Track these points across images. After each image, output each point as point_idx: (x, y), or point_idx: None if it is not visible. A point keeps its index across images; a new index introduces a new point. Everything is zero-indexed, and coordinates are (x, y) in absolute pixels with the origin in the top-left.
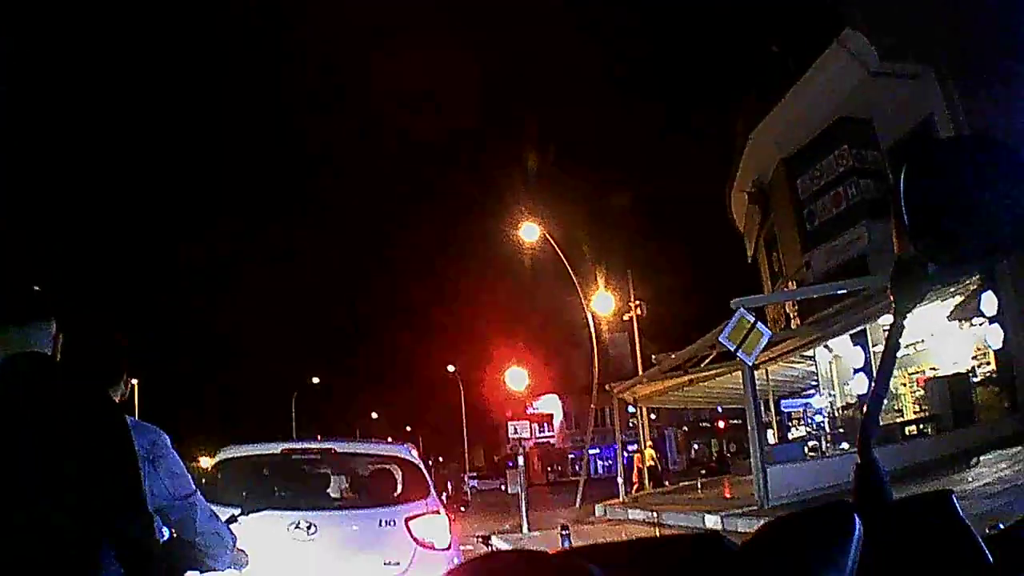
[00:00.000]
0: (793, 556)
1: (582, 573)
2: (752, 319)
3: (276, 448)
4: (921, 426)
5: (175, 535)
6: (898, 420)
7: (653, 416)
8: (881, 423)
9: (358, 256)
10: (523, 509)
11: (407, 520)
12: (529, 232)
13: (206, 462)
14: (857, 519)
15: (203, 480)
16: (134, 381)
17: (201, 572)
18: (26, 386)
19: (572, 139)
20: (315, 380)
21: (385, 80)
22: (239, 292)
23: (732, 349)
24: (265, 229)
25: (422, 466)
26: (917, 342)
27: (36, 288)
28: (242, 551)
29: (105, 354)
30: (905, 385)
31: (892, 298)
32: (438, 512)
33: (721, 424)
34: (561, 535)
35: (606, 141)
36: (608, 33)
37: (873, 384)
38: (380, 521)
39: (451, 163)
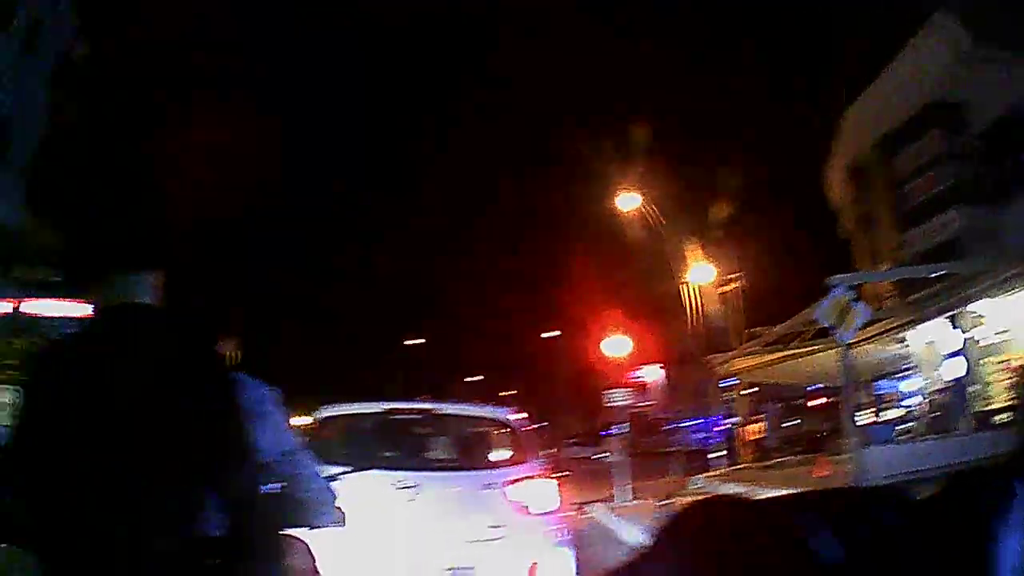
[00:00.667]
0: (971, 510)
1: (779, 516)
2: (848, 297)
3: (379, 407)
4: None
5: (276, 491)
6: (987, 408)
7: (753, 390)
8: (971, 408)
9: (462, 220)
10: (620, 478)
11: (509, 484)
12: (629, 202)
13: (305, 420)
14: (1017, 483)
15: (304, 438)
16: (235, 339)
17: (299, 527)
18: (130, 335)
19: (673, 115)
20: (418, 342)
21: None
22: (341, 253)
23: (828, 327)
24: (369, 189)
25: (525, 430)
26: (1005, 331)
27: (146, 238)
28: (340, 509)
29: (211, 310)
30: (994, 374)
31: None
32: (541, 476)
33: (815, 402)
34: (658, 505)
35: (708, 116)
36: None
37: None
38: (482, 484)
39: (554, 133)
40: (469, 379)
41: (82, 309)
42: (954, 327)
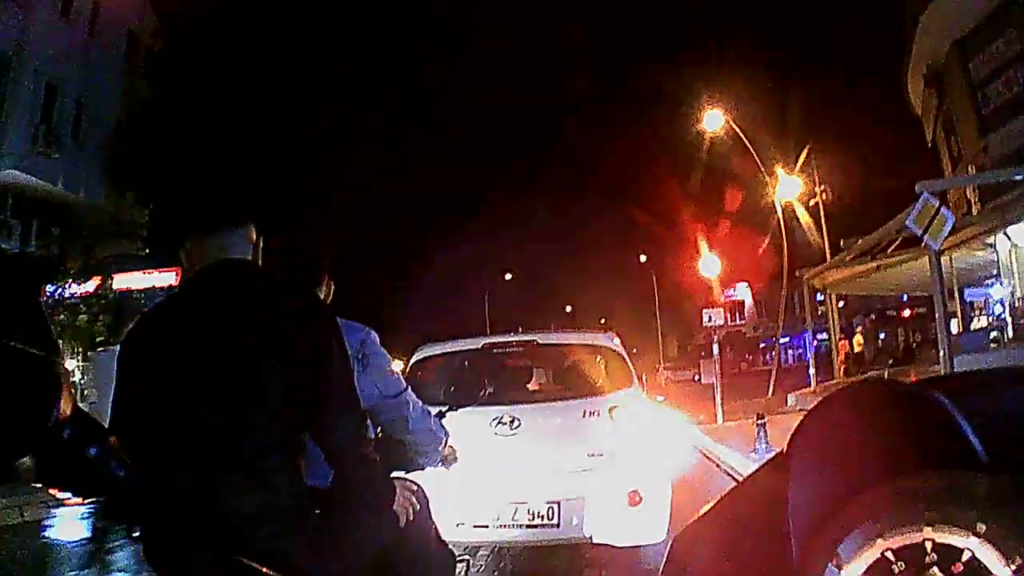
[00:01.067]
0: None
1: (928, 399)
2: (936, 203)
3: (477, 343)
4: None
5: (384, 434)
6: None
7: (841, 304)
8: None
9: (547, 149)
10: (717, 400)
11: (611, 410)
12: (713, 120)
13: (399, 364)
14: None
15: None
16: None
17: (408, 471)
18: (230, 290)
19: (745, 26)
20: (508, 276)
21: None
22: (427, 195)
23: (918, 234)
24: (455, 127)
25: (624, 354)
26: None
27: (228, 193)
28: (452, 448)
29: (307, 257)
30: None
31: None
32: (642, 400)
33: (907, 313)
34: (757, 425)
35: (779, 27)
36: None
37: None
38: (584, 412)
39: (633, 57)
40: (564, 310)
41: (168, 278)
42: None
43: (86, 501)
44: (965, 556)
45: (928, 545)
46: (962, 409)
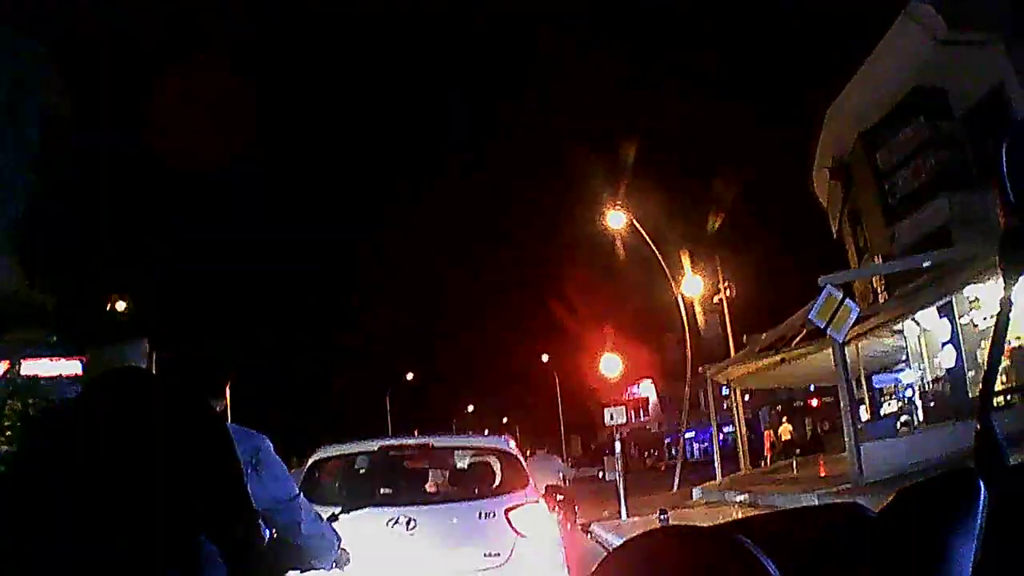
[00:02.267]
0: (926, 521)
1: (729, 543)
2: (840, 295)
3: (373, 445)
4: (1008, 397)
5: (278, 536)
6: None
7: (747, 397)
8: (968, 395)
9: (444, 251)
10: (621, 496)
11: (507, 511)
12: (615, 219)
13: (300, 463)
14: (981, 483)
15: (300, 482)
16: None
17: (303, 572)
18: (122, 397)
19: (652, 127)
20: (409, 376)
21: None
22: (327, 296)
23: (822, 327)
24: (350, 234)
25: (520, 457)
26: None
27: (124, 308)
28: (344, 550)
29: (205, 368)
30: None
31: (1001, 270)
32: (537, 502)
33: (814, 402)
34: (660, 520)
35: (685, 128)
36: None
37: (987, 353)
38: (480, 513)
39: (534, 158)
40: (466, 410)
41: (76, 367)
42: (940, 316)
43: None
44: None
45: None
46: (766, 548)
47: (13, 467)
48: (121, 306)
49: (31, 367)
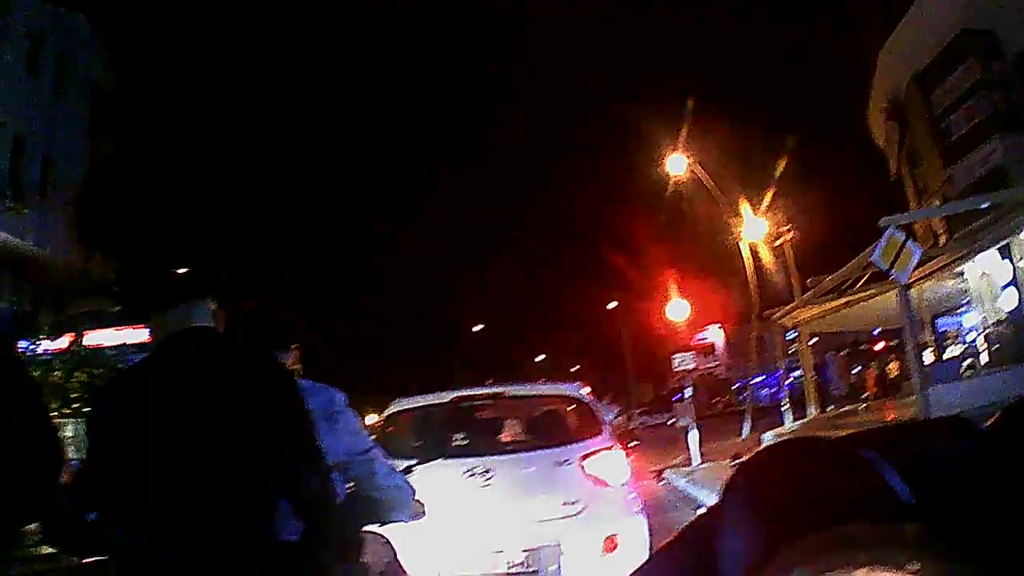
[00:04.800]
0: None
1: (853, 455)
2: (902, 237)
3: (446, 397)
4: None
5: (353, 491)
6: None
7: (813, 341)
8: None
9: (513, 200)
10: (692, 442)
11: (582, 458)
12: (676, 164)
13: (373, 419)
14: None
15: (374, 435)
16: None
17: (380, 525)
18: (188, 359)
19: (709, 73)
20: (478, 328)
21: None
22: (395, 250)
23: (884, 269)
24: (419, 175)
25: (593, 403)
26: None
27: (189, 269)
28: (419, 502)
29: (271, 324)
30: None
31: None
32: (612, 448)
33: (880, 346)
34: (731, 465)
35: (743, 72)
36: None
37: None
38: (555, 461)
39: (599, 107)
40: (535, 359)
41: (140, 335)
42: (1002, 259)
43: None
44: None
45: None
46: (888, 462)
47: (89, 431)
48: (182, 270)
49: (95, 338)
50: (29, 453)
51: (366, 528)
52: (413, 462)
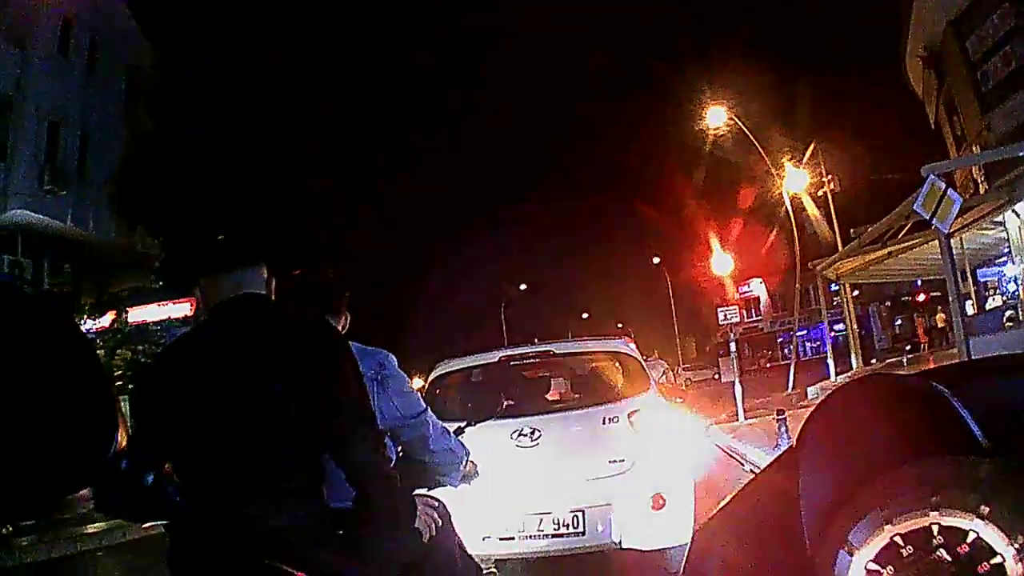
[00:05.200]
0: None
1: (928, 390)
2: (943, 186)
3: (493, 356)
4: None
5: (404, 455)
6: None
7: (856, 293)
8: None
9: (555, 156)
10: (738, 397)
11: (629, 415)
12: (716, 116)
13: (419, 383)
14: None
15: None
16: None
17: (432, 488)
18: (242, 324)
19: (748, 24)
20: (523, 287)
21: None
22: (440, 209)
23: (927, 217)
24: (464, 133)
25: (640, 359)
26: None
27: (241, 235)
28: (474, 464)
29: (324, 287)
30: None
31: None
32: (660, 404)
33: (921, 297)
34: (777, 420)
35: (782, 23)
36: None
37: None
38: (603, 419)
39: (641, 64)
40: (580, 317)
41: (183, 310)
42: None
43: (144, 526)
44: (970, 537)
45: (935, 528)
46: (961, 398)
47: (142, 397)
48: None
49: (139, 314)
50: (81, 412)
51: (419, 491)
52: (462, 424)
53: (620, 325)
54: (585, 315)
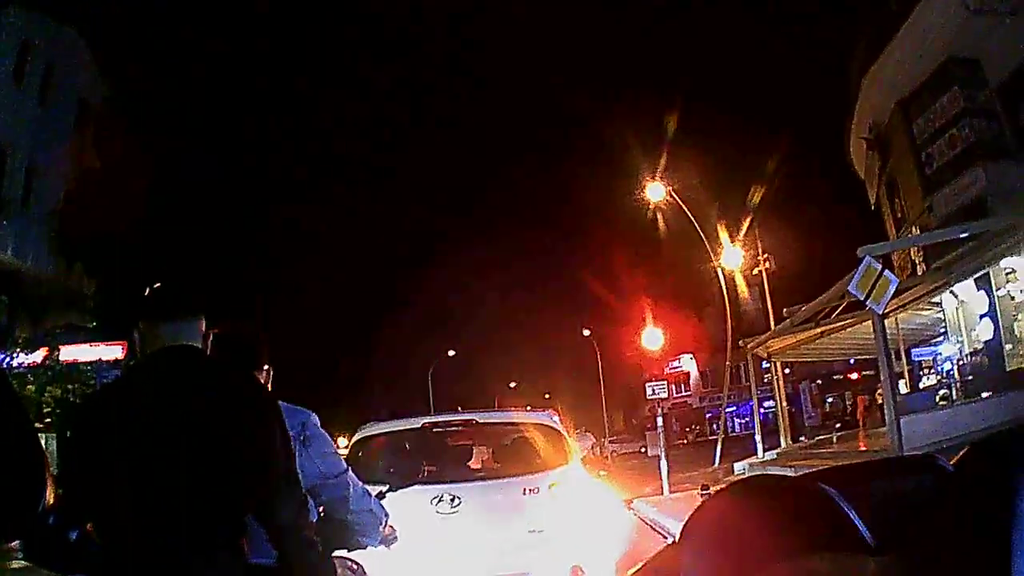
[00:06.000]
0: (1001, 474)
1: (815, 492)
2: (879, 267)
3: (417, 422)
4: None
5: (325, 514)
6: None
7: (787, 371)
8: (1007, 368)
9: (486, 225)
10: (663, 471)
11: (550, 486)
12: (655, 191)
13: (343, 442)
14: None
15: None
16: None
17: (350, 550)
18: (177, 377)
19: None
20: (451, 353)
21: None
22: (370, 271)
23: (861, 298)
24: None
25: (564, 431)
26: None
27: (186, 286)
28: (392, 528)
29: (246, 342)
30: None
31: None
32: (582, 477)
33: (854, 376)
34: (701, 495)
35: (724, 98)
36: None
37: None
38: (524, 489)
39: (572, 126)
40: (507, 386)
41: (115, 352)
42: (978, 288)
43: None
44: None
45: None
46: (848, 498)
47: (69, 446)
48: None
49: (71, 352)
50: (13, 469)
51: (337, 553)
52: (384, 488)
53: (548, 396)
54: (513, 384)
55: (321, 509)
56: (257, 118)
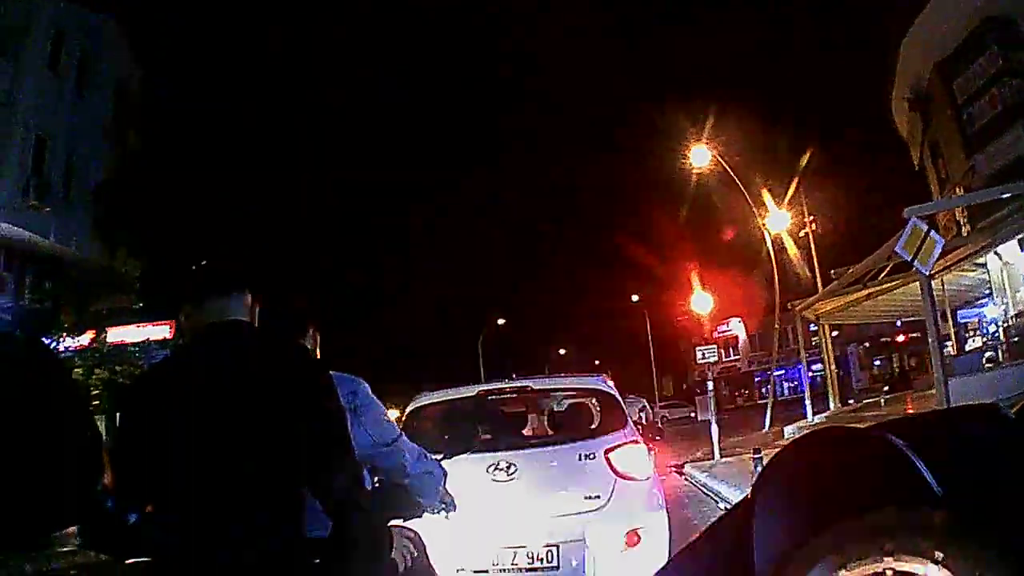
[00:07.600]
0: None
1: (884, 441)
2: (925, 227)
3: (471, 391)
4: None
5: (381, 483)
6: None
7: (835, 333)
8: None
9: (536, 195)
10: (714, 436)
11: (606, 452)
12: (700, 156)
13: (394, 414)
14: None
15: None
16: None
17: (407, 518)
18: (226, 353)
19: (733, 66)
20: (500, 322)
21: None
22: (416, 244)
23: (908, 259)
24: (442, 172)
25: (618, 396)
26: None
27: (229, 261)
28: (449, 493)
29: (291, 310)
30: None
31: None
32: (637, 442)
33: (901, 338)
34: (753, 459)
35: (767, 65)
36: None
37: None
38: (579, 455)
39: (626, 104)
40: (558, 353)
41: (162, 332)
42: (1022, 250)
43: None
44: None
45: (889, 573)
46: (916, 449)
47: (123, 428)
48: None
49: (117, 334)
50: (69, 453)
51: (395, 523)
52: (438, 457)
53: (598, 362)
54: (563, 351)
55: (377, 479)
56: (306, 90)
